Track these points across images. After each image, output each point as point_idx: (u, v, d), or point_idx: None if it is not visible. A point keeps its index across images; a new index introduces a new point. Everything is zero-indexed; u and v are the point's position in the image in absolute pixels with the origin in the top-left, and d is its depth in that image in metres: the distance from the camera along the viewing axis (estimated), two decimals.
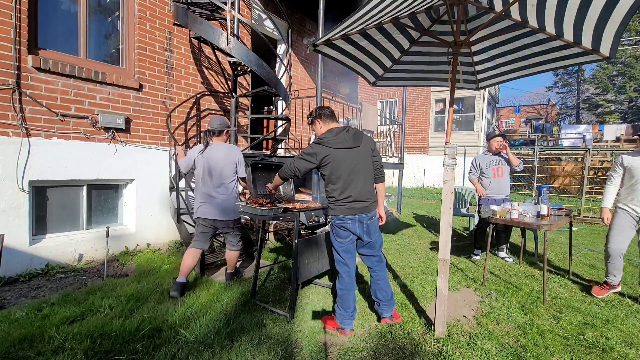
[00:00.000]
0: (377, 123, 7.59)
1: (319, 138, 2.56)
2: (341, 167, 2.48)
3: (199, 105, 5.08)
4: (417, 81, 3.74)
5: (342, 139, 2.50)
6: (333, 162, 2.47)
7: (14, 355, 2.12)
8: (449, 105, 2.62)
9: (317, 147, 2.50)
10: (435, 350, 2.37)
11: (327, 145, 2.48)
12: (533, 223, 3.39)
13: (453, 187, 2.49)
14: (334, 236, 2.60)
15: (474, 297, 3.32)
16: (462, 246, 5.30)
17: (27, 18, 3.41)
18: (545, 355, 2.32)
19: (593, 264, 4.47)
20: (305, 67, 7.38)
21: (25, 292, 3.09)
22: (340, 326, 2.55)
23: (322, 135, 2.57)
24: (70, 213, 3.92)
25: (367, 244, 2.64)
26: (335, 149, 2.48)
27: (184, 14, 4.26)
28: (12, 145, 3.32)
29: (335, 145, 2.48)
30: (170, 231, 4.63)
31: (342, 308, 2.57)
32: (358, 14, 2.32)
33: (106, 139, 4.01)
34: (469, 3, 2.74)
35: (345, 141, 2.50)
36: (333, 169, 2.49)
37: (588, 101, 24.80)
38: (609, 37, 2.30)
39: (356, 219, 2.52)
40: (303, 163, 2.53)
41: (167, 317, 2.63)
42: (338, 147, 2.48)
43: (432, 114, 15.94)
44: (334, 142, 2.49)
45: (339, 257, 2.60)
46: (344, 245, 2.57)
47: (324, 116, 2.63)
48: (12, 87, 3.31)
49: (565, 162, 13.63)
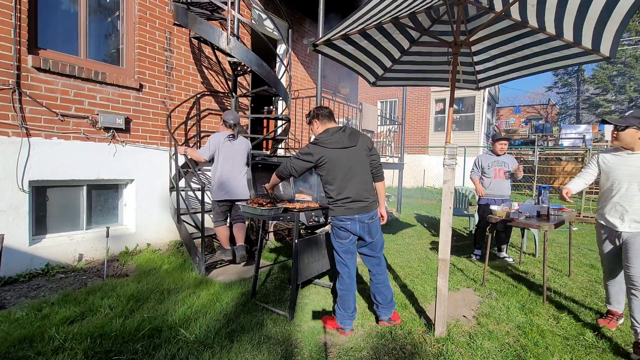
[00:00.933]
0: (377, 123, 7.59)
1: (315, 138, 2.57)
2: (337, 167, 2.48)
3: (199, 105, 5.08)
4: (417, 81, 3.74)
5: (337, 139, 2.50)
6: (329, 162, 2.48)
7: (14, 355, 2.12)
8: (449, 105, 2.62)
9: (313, 148, 2.51)
10: (435, 350, 2.38)
11: (323, 146, 2.49)
12: (533, 223, 3.39)
13: (453, 187, 2.49)
14: (334, 237, 2.60)
15: (474, 297, 3.32)
16: (462, 246, 5.30)
17: (27, 18, 3.41)
18: (545, 355, 2.32)
19: (593, 264, 4.47)
20: (305, 67, 7.38)
21: (25, 292, 3.09)
22: (340, 326, 2.55)
23: (318, 135, 2.58)
24: (70, 213, 3.91)
25: (369, 244, 2.64)
26: (331, 149, 2.48)
27: (184, 14, 4.26)
28: (12, 145, 3.32)
29: (330, 145, 2.48)
30: (170, 231, 4.63)
31: (342, 308, 2.57)
32: (358, 14, 2.32)
33: (106, 139, 4.01)
34: (469, 3, 2.74)
35: (341, 141, 2.50)
36: (329, 169, 2.49)
37: (588, 101, 24.79)
38: (609, 37, 2.31)
39: (356, 219, 2.52)
40: (299, 163, 2.53)
41: (167, 317, 2.63)
42: (333, 147, 2.48)
43: (432, 114, 15.94)
44: (330, 142, 2.49)
45: (339, 258, 2.60)
46: (344, 246, 2.57)
47: (321, 116, 2.64)
48: (12, 87, 3.31)
49: (565, 162, 13.64)
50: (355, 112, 6.89)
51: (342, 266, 2.60)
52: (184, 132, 4.92)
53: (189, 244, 4.02)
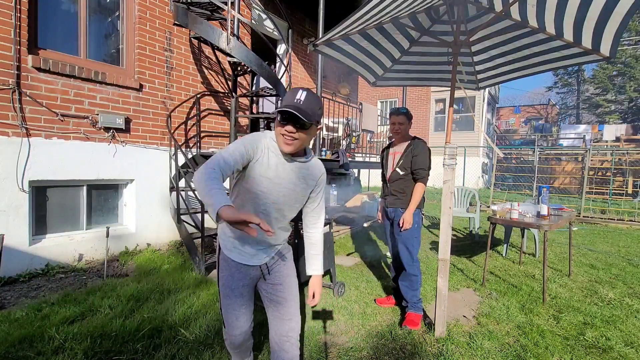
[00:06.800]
0: (377, 123, 7.60)
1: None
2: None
3: (199, 105, 5.08)
4: (417, 81, 3.74)
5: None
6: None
7: (14, 355, 2.11)
8: (449, 105, 2.62)
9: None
10: (435, 350, 2.38)
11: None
12: (533, 223, 3.39)
13: (453, 187, 2.49)
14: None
15: (474, 297, 3.32)
16: (462, 246, 5.30)
17: (27, 18, 3.41)
18: (545, 355, 2.32)
19: (593, 264, 4.47)
20: (305, 67, 7.37)
21: (25, 292, 3.09)
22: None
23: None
24: (70, 213, 3.91)
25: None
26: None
27: (184, 14, 4.26)
28: (12, 145, 3.32)
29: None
30: (170, 231, 4.62)
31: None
32: (358, 14, 2.32)
33: (106, 139, 4.01)
34: (469, 3, 2.74)
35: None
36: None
37: (588, 101, 24.77)
38: (609, 37, 2.30)
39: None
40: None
41: (167, 317, 2.63)
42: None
43: (432, 114, 15.94)
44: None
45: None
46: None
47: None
48: (12, 87, 3.31)
49: (565, 162, 13.64)
50: (355, 112, 6.89)
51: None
52: (184, 132, 4.92)
53: (189, 244, 4.02)
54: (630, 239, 6.18)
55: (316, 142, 5.15)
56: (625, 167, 11.23)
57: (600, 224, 7.60)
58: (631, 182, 11.35)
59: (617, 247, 5.53)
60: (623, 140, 14.88)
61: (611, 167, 10.87)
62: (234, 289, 1.64)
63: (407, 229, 2.75)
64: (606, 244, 5.71)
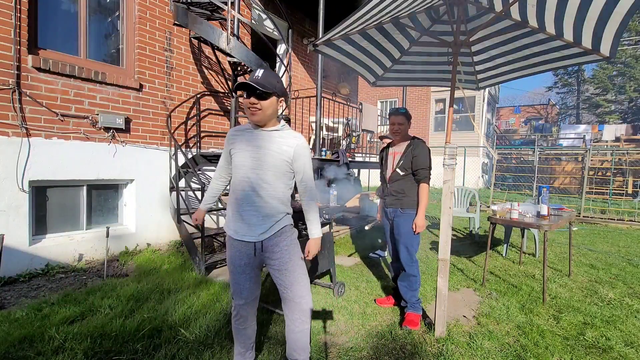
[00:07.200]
0: (377, 123, 7.59)
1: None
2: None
3: (199, 105, 5.08)
4: (417, 81, 3.74)
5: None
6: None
7: (14, 355, 2.12)
8: (449, 105, 2.62)
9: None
10: (435, 350, 2.38)
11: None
12: (533, 223, 3.39)
13: (453, 187, 2.49)
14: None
15: (474, 297, 3.32)
16: (462, 246, 5.30)
17: (27, 18, 3.41)
18: (545, 355, 2.32)
19: (593, 264, 4.47)
20: (305, 67, 7.38)
21: (25, 292, 3.09)
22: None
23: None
24: (70, 213, 3.91)
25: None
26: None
27: (184, 14, 4.26)
28: (12, 145, 3.32)
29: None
30: (170, 231, 4.62)
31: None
32: (358, 14, 2.32)
33: (106, 139, 4.01)
34: (469, 3, 2.74)
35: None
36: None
37: (588, 101, 24.77)
38: (609, 37, 2.30)
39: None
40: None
41: (167, 317, 2.63)
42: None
43: (432, 114, 15.94)
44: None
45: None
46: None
47: None
48: (12, 87, 3.31)
49: (565, 162, 13.64)
50: (355, 112, 6.89)
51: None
52: (184, 132, 4.92)
53: (189, 244, 4.02)
54: (630, 239, 6.18)
55: (316, 142, 5.15)
56: (625, 167, 11.24)
57: (600, 224, 7.60)
58: (631, 182, 11.36)
59: (617, 247, 5.53)
60: (623, 140, 14.88)
61: (611, 167, 10.88)
62: (237, 266, 1.87)
63: (419, 232, 2.80)
64: (606, 244, 5.71)
